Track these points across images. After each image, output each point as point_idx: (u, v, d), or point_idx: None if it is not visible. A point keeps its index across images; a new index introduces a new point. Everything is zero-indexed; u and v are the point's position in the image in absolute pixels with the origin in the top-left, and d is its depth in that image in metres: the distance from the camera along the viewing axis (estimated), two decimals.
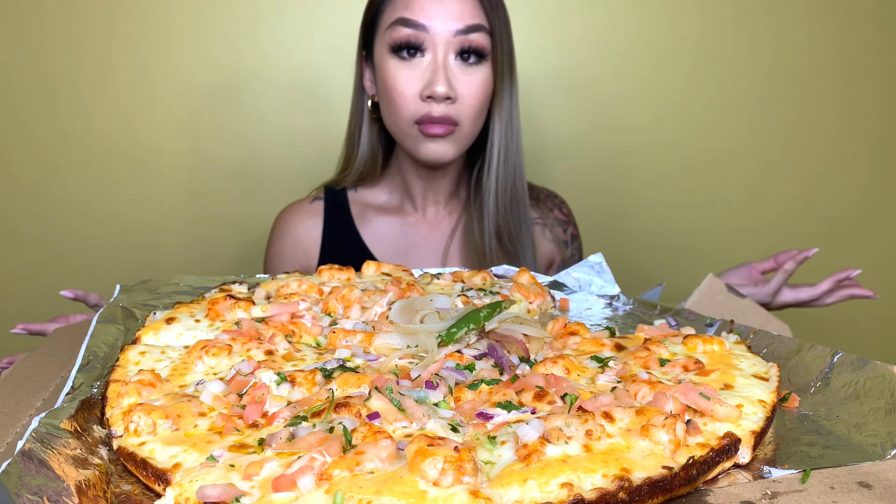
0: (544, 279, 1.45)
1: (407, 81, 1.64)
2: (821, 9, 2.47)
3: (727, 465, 0.74)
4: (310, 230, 1.87)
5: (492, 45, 1.67)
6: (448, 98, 1.62)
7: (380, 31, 1.69)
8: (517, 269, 1.41)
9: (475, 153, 1.85)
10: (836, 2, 2.47)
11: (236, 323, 1.06)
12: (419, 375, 0.87)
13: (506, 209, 1.78)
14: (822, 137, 2.56)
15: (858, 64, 2.52)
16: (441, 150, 1.68)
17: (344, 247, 1.84)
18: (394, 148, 1.86)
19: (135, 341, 1.03)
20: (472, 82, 1.65)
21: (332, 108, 2.35)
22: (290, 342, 1.01)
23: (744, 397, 0.84)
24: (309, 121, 2.37)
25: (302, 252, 1.87)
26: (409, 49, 1.63)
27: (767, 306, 1.70)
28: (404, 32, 1.62)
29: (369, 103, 1.80)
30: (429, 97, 1.62)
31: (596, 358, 0.96)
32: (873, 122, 2.57)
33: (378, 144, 1.86)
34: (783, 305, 1.75)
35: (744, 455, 0.75)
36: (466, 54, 1.64)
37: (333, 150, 2.27)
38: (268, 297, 1.19)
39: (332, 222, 1.87)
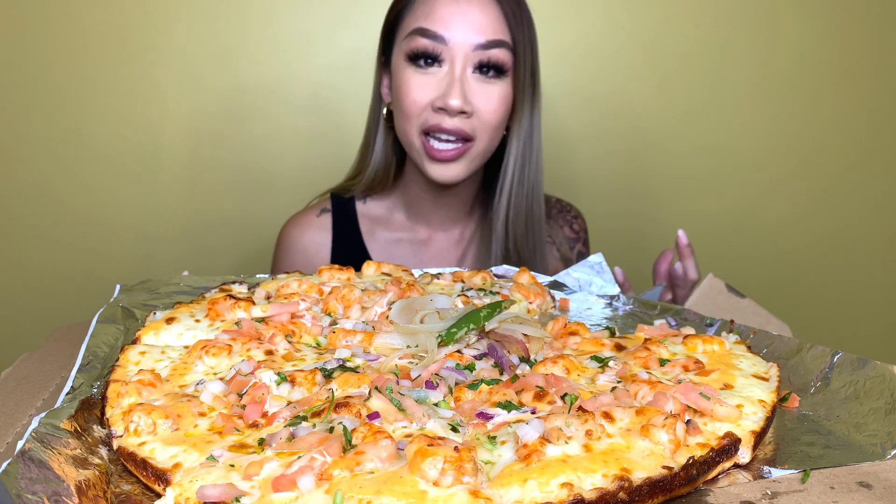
0: (544, 279, 1.45)
1: (420, 89, 1.59)
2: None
3: (727, 465, 0.74)
4: (319, 247, 1.83)
5: (513, 62, 1.61)
6: (463, 112, 1.57)
7: (398, 39, 1.64)
8: (517, 269, 1.41)
9: (494, 171, 1.79)
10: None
11: (236, 323, 1.06)
12: (419, 375, 0.87)
13: (516, 233, 1.72)
14: (837, 145, 2.57)
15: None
16: (450, 172, 1.63)
17: (352, 265, 1.82)
18: (406, 161, 1.81)
19: (135, 341, 1.03)
20: (489, 96, 1.59)
21: (334, 110, 2.35)
22: (290, 342, 1.01)
23: (744, 397, 0.84)
24: (311, 122, 2.37)
25: (312, 270, 1.83)
26: (426, 58, 1.58)
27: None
28: (422, 43, 1.57)
29: (385, 111, 1.75)
30: (441, 109, 1.57)
31: (596, 358, 0.96)
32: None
33: (392, 154, 1.80)
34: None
35: (744, 455, 0.75)
36: (486, 68, 1.59)
37: (335, 153, 2.28)
38: (268, 297, 1.19)
39: (341, 238, 1.82)
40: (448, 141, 1.60)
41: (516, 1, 1.63)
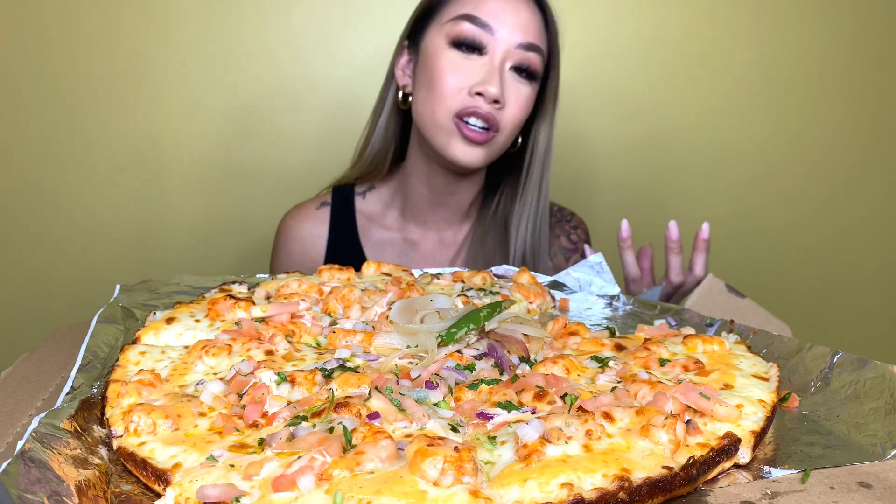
0: (544, 279, 1.45)
1: (460, 73, 1.60)
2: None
3: (727, 465, 0.74)
4: (316, 239, 1.85)
5: (544, 70, 1.68)
6: (496, 102, 1.60)
7: (439, 22, 1.65)
8: (517, 269, 1.41)
9: (494, 176, 1.82)
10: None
11: (236, 323, 1.06)
12: (419, 375, 0.87)
13: (535, 235, 1.77)
14: (839, 149, 2.58)
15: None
16: (472, 155, 1.64)
17: (346, 260, 1.83)
18: (406, 154, 1.81)
19: (135, 341, 1.03)
20: (519, 95, 1.64)
21: (336, 112, 2.35)
22: (290, 342, 1.01)
23: (744, 397, 0.84)
24: (313, 124, 2.37)
25: (309, 260, 1.86)
26: (470, 44, 1.60)
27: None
28: (468, 28, 1.59)
29: (400, 94, 1.76)
30: (478, 94, 1.59)
31: (596, 358, 0.96)
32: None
33: (393, 139, 1.81)
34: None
35: (744, 455, 0.75)
36: (521, 70, 1.63)
37: (337, 154, 2.28)
38: (268, 297, 1.19)
39: (338, 233, 1.84)
40: (478, 129, 1.62)
41: (551, 13, 1.69)
